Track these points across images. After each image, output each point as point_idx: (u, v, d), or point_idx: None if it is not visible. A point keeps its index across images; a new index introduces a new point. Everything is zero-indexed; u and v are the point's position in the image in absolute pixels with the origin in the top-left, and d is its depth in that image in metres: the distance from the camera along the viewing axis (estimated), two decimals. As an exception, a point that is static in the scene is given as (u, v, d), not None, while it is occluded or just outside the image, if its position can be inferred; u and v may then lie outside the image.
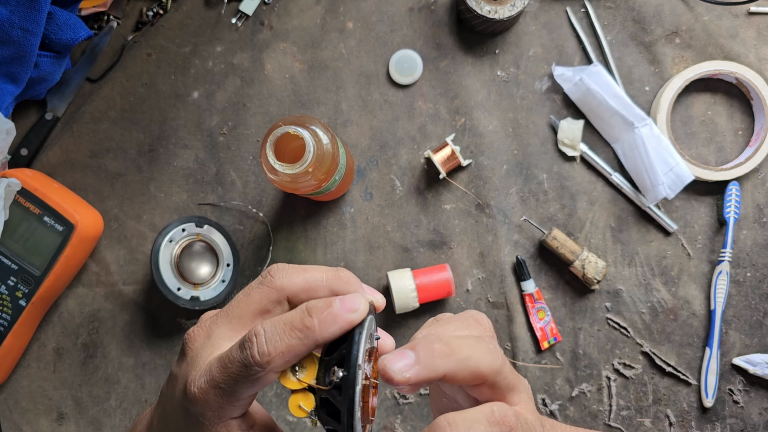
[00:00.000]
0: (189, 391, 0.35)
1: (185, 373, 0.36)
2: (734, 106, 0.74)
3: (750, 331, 0.73)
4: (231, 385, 0.33)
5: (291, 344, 0.33)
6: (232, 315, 0.37)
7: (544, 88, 0.75)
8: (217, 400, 0.34)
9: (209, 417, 0.34)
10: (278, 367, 0.33)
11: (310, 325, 0.33)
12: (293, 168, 0.56)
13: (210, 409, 0.34)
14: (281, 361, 0.33)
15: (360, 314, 0.34)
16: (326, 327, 0.33)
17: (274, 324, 0.33)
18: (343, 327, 0.33)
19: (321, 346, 0.34)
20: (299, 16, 0.76)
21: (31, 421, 0.77)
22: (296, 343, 0.33)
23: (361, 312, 0.34)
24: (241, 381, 0.33)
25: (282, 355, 0.33)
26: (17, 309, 0.72)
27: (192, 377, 0.35)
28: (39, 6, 0.66)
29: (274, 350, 0.33)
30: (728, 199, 0.71)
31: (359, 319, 0.34)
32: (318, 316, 0.33)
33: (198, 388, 0.34)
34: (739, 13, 0.74)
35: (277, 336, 0.33)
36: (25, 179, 0.71)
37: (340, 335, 0.34)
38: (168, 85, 0.77)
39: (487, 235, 0.75)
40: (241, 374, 0.33)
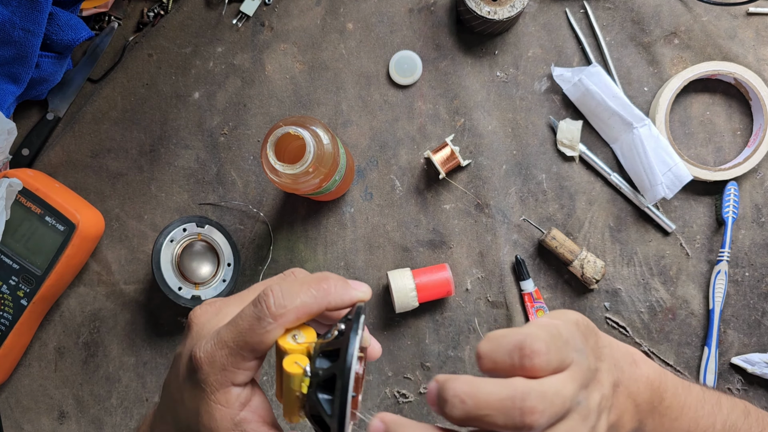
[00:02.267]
0: (195, 356, 0.35)
1: (190, 345, 0.37)
2: (733, 106, 0.74)
3: (748, 330, 0.73)
4: (239, 342, 0.34)
5: (305, 301, 0.34)
6: (245, 298, 0.38)
7: (543, 88, 0.75)
8: (222, 362, 0.35)
9: (211, 382, 0.35)
10: (290, 321, 0.34)
11: (326, 286, 0.35)
12: (294, 168, 0.56)
13: (214, 373, 0.35)
14: (294, 315, 0.34)
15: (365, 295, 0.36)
16: (339, 291, 0.35)
17: (290, 282, 0.35)
18: (352, 298, 0.35)
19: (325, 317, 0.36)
20: (299, 17, 0.77)
21: (32, 420, 0.77)
22: (310, 300, 0.34)
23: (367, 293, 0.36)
24: (250, 336, 0.34)
25: (296, 310, 0.34)
26: (19, 308, 0.72)
27: (198, 344, 0.36)
28: (40, 7, 0.66)
29: (290, 303, 0.34)
30: (727, 199, 0.72)
31: (365, 298, 0.36)
32: (334, 281, 0.35)
33: (204, 351, 0.35)
34: (737, 14, 0.74)
35: (294, 292, 0.34)
36: (26, 179, 0.71)
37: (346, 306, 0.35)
38: (169, 86, 0.77)
39: (487, 235, 0.75)
40: (252, 328, 0.34)
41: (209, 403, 0.35)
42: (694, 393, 0.45)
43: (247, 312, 0.35)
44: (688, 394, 0.44)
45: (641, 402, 0.40)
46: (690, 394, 0.44)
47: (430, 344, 0.75)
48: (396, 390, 0.75)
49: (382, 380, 0.75)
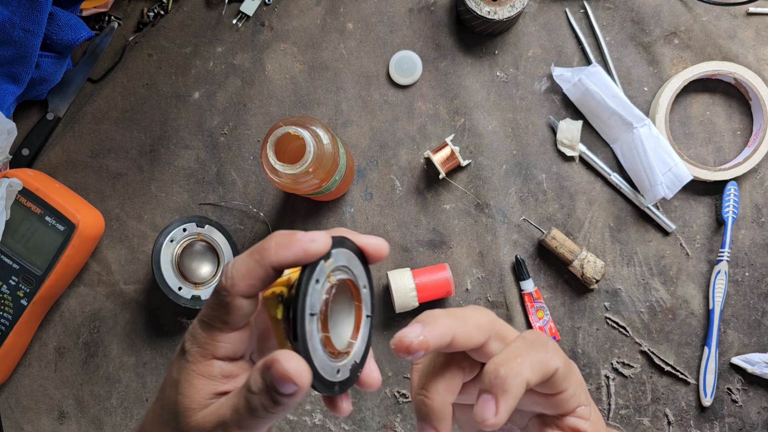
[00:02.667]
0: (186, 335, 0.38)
1: None
2: (733, 106, 0.74)
3: (748, 330, 0.73)
4: (209, 315, 0.36)
5: (249, 266, 0.34)
6: None
7: (543, 88, 0.75)
8: (201, 334, 0.36)
9: (193, 353, 0.36)
10: (242, 290, 0.35)
11: (267, 247, 0.34)
12: (294, 168, 0.56)
13: (195, 345, 0.36)
14: (243, 283, 0.34)
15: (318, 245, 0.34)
16: (281, 250, 0.34)
17: (242, 253, 0.36)
18: (297, 253, 0.34)
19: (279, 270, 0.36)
20: (299, 17, 0.77)
21: (32, 420, 0.77)
22: (253, 264, 0.34)
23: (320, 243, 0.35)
24: (215, 309, 0.35)
25: (243, 278, 0.34)
26: (19, 308, 0.72)
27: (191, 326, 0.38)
28: (40, 7, 0.66)
29: (236, 273, 0.34)
30: (727, 199, 0.72)
31: (316, 249, 0.34)
32: (276, 240, 0.35)
33: (190, 326, 0.37)
34: (737, 14, 0.74)
35: (240, 260, 0.35)
36: (26, 179, 0.71)
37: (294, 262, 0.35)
38: (169, 86, 0.77)
39: (487, 235, 0.75)
40: (215, 302, 0.35)
41: (189, 372, 0.36)
42: None
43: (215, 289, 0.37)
44: None
45: None
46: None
47: (430, 344, 0.75)
48: (396, 390, 0.75)
49: (382, 380, 0.75)
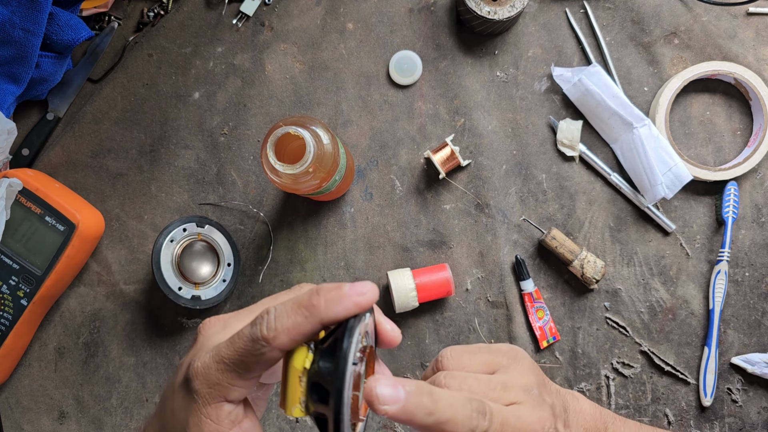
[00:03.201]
0: (192, 367, 0.35)
1: (191, 355, 0.37)
2: (733, 106, 0.74)
3: (748, 330, 0.73)
4: (235, 360, 0.34)
5: (297, 321, 0.34)
6: (253, 312, 0.38)
7: (543, 88, 0.75)
8: (217, 376, 0.34)
9: (204, 394, 0.35)
10: (284, 344, 0.34)
11: (316, 303, 0.34)
12: (294, 168, 0.56)
13: (208, 385, 0.35)
14: (287, 338, 0.33)
15: (367, 298, 0.34)
16: (331, 306, 0.34)
17: (285, 303, 0.34)
18: (348, 308, 0.34)
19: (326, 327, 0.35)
20: (299, 17, 0.77)
21: (32, 420, 0.77)
22: (302, 320, 0.34)
23: (369, 296, 0.35)
24: (246, 356, 0.34)
25: (287, 332, 0.33)
26: (19, 308, 0.72)
27: (198, 355, 0.36)
28: (40, 7, 0.66)
29: (281, 326, 0.33)
30: (727, 199, 0.72)
31: (367, 302, 0.34)
32: (325, 295, 0.34)
33: (201, 362, 0.35)
34: (737, 14, 0.74)
35: (285, 314, 0.34)
36: (26, 179, 0.71)
37: (344, 317, 0.34)
38: (169, 86, 0.77)
39: (487, 235, 0.75)
40: (247, 348, 0.34)
41: (199, 416, 0.35)
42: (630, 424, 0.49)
43: (245, 332, 0.35)
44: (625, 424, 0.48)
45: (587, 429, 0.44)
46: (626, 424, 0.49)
47: (430, 344, 0.75)
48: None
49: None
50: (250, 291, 0.76)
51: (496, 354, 0.40)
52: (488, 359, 0.39)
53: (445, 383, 0.37)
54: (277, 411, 0.76)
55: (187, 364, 0.37)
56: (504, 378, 0.39)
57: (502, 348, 0.41)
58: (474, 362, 0.39)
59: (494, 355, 0.40)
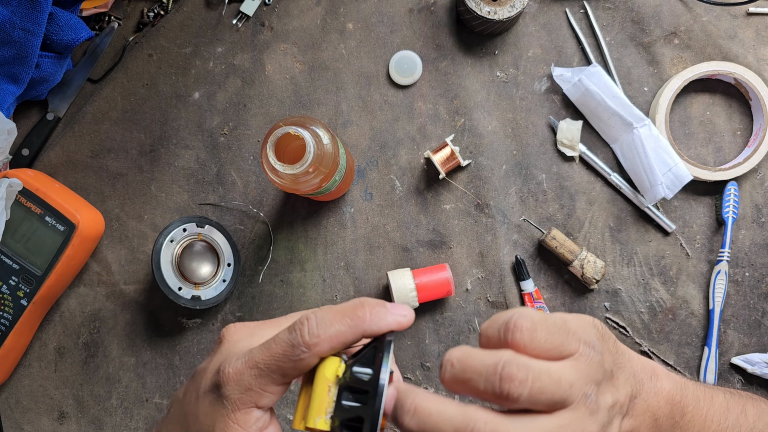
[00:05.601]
0: (223, 371, 0.35)
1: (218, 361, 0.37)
2: (733, 106, 0.74)
3: (748, 330, 0.73)
4: (270, 366, 0.34)
5: (340, 330, 0.34)
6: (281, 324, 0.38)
7: (543, 88, 0.75)
8: (250, 381, 0.35)
9: (235, 399, 0.35)
10: (323, 351, 0.34)
11: (362, 315, 0.34)
12: (294, 168, 0.56)
13: (240, 391, 0.35)
14: (328, 345, 0.34)
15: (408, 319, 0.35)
16: (376, 320, 0.34)
17: (326, 311, 0.35)
18: (390, 324, 0.35)
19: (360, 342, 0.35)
20: (299, 17, 0.77)
21: (32, 420, 0.77)
22: (345, 330, 0.34)
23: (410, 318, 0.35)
24: (283, 361, 0.34)
25: (330, 339, 0.34)
26: (18, 308, 0.72)
27: (228, 361, 0.36)
28: (40, 7, 0.66)
29: (324, 333, 0.34)
30: (727, 199, 0.72)
31: (407, 322, 0.35)
32: (370, 309, 0.35)
33: (233, 368, 0.35)
34: (737, 14, 0.74)
35: (328, 321, 0.34)
36: (26, 179, 0.71)
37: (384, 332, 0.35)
38: (169, 86, 0.77)
39: (487, 235, 0.75)
40: (285, 354, 0.34)
41: (227, 422, 0.35)
42: (717, 404, 0.44)
43: (282, 337, 0.35)
44: (711, 406, 0.44)
45: (661, 416, 0.40)
46: (713, 406, 0.44)
47: (430, 344, 0.75)
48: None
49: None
50: (250, 291, 0.76)
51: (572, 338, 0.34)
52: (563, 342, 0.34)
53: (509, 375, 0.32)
54: (278, 411, 0.76)
55: (215, 370, 0.36)
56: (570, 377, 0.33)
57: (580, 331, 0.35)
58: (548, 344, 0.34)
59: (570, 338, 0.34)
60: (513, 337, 0.33)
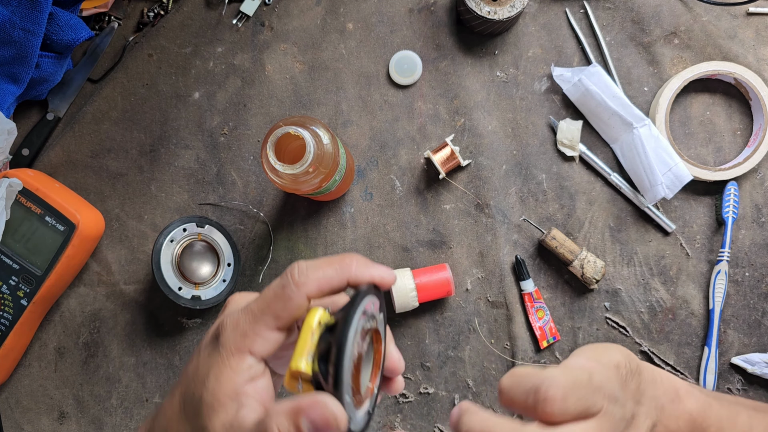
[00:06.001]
0: (222, 322, 0.37)
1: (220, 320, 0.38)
2: (733, 106, 0.74)
3: (748, 330, 0.73)
4: (263, 308, 0.36)
5: (327, 273, 0.36)
6: None
7: (543, 88, 0.75)
8: (245, 326, 0.36)
9: (230, 345, 0.36)
10: (311, 292, 0.35)
11: (348, 261, 0.36)
12: (294, 168, 0.56)
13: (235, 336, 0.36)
14: (315, 285, 0.35)
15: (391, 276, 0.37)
16: (361, 269, 0.36)
17: (315, 259, 0.37)
18: (373, 275, 0.36)
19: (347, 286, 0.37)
20: (299, 17, 0.77)
21: (32, 420, 0.77)
22: (332, 273, 0.36)
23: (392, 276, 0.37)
24: (274, 301, 0.35)
25: (317, 280, 0.35)
26: (19, 308, 0.72)
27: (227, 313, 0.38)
28: (40, 7, 0.66)
29: (312, 274, 0.35)
30: (727, 199, 0.72)
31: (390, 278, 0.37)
32: (357, 260, 0.36)
33: (231, 318, 0.37)
34: (737, 14, 0.74)
35: (317, 265, 0.36)
36: (26, 179, 0.71)
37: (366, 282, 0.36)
38: (169, 86, 0.77)
39: (487, 235, 0.75)
40: (276, 295, 0.36)
41: (220, 366, 0.36)
42: (740, 423, 0.44)
43: (274, 283, 0.36)
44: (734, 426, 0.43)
45: None
46: (735, 427, 0.44)
47: (431, 344, 0.75)
48: (396, 390, 0.75)
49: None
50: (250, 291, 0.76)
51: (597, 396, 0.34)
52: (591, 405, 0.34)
53: None
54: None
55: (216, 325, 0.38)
56: None
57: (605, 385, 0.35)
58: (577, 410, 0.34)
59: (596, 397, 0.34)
60: (544, 409, 0.33)
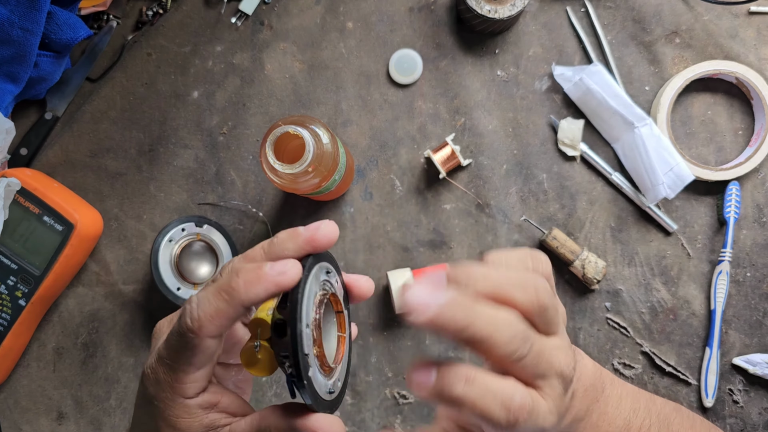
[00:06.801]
0: (143, 374, 0.35)
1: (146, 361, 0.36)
2: (734, 106, 0.74)
3: (750, 330, 0.73)
4: (174, 358, 0.33)
5: (219, 307, 0.32)
6: None
7: (544, 87, 0.75)
8: (166, 378, 0.33)
9: (162, 398, 0.34)
10: (211, 332, 0.32)
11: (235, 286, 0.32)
12: (293, 168, 0.56)
13: (162, 389, 0.34)
14: (212, 325, 0.32)
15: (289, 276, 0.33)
16: (251, 288, 0.32)
17: (207, 290, 0.33)
18: (269, 289, 0.32)
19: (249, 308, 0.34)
20: (299, 16, 0.76)
21: (31, 421, 0.77)
22: (223, 306, 0.32)
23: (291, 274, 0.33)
24: (180, 351, 0.33)
25: (211, 319, 0.32)
26: (17, 308, 0.72)
27: (147, 361, 0.35)
28: (39, 6, 0.66)
29: (203, 314, 0.32)
30: (728, 199, 0.71)
31: (289, 280, 0.33)
32: (244, 277, 0.32)
33: (149, 368, 0.34)
34: (739, 13, 0.74)
35: (207, 300, 0.33)
36: (24, 179, 0.71)
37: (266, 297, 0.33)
38: (168, 85, 0.77)
39: (487, 235, 0.75)
40: (179, 344, 0.33)
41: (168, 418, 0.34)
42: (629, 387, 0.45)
43: (174, 328, 0.33)
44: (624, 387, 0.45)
45: (588, 387, 0.40)
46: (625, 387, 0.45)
47: (431, 345, 0.75)
48: (396, 391, 0.75)
49: (381, 381, 0.75)
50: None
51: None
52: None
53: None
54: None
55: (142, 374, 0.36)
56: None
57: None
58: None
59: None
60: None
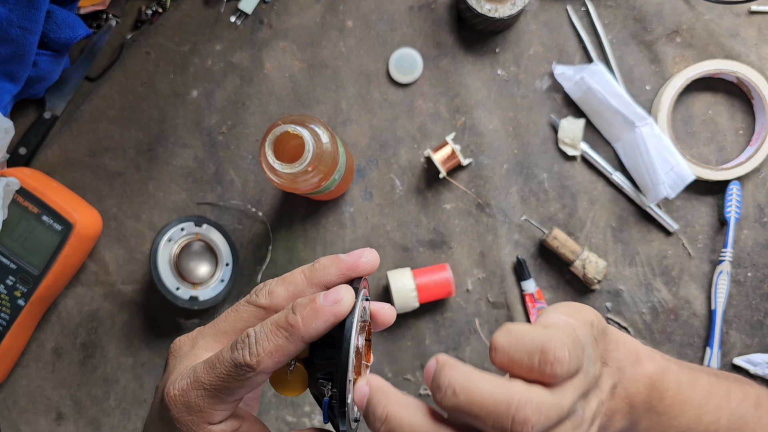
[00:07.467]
0: (167, 394, 0.34)
1: (165, 379, 0.36)
2: (735, 105, 0.74)
3: (751, 331, 0.73)
4: (218, 386, 0.33)
5: (279, 344, 0.33)
6: (218, 328, 0.37)
7: (544, 87, 0.75)
8: (198, 403, 0.33)
9: (186, 422, 0.33)
10: (269, 368, 0.33)
11: (293, 322, 0.33)
12: (292, 167, 0.56)
13: (189, 413, 0.33)
14: (271, 361, 0.33)
15: (344, 305, 0.33)
16: (310, 323, 0.33)
17: (263, 325, 0.33)
18: (328, 320, 0.33)
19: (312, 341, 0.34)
20: (299, 15, 0.76)
21: (29, 421, 0.76)
22: (284, 342, 0.33)
23: (346, 302, 0.33)
24: (229, 381, 0.33)
25: (271, 356, 0.32)
26: (16, 308, 0.72)
27: (171, 381, 0.34)
28: (38, 4, 0.66)
29: (263, 350, 0.32)
30: (729, 199, 0.71)
31: (344, 309, 0.33)
32: (301, 312, 0.33)
33: (178, 389, 0.34)
34: (740, 12, 0.74)
35: (265, 336, 0.33)
36: (23, 178, 0.70)
37: (327, 329, 0.33)
38: (167, 84, 0.77)
39: (488, 235, 0.74)
40: (230, 374, 0.33)
41: None
42: (700, 387, 0.43)
43: (226, 356, 0.33)
44: (693, 390, 0.42)
45: (638, 402, 0.39)
46: (695, 390, 0.42)
47: (431, 345, 0.74)
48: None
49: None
50: (249, 291, 0.76)
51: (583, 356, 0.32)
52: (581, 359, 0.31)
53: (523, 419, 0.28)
54: (276, 412, 0.75)
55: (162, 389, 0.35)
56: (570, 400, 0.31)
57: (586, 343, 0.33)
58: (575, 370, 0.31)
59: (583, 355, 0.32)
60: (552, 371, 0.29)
